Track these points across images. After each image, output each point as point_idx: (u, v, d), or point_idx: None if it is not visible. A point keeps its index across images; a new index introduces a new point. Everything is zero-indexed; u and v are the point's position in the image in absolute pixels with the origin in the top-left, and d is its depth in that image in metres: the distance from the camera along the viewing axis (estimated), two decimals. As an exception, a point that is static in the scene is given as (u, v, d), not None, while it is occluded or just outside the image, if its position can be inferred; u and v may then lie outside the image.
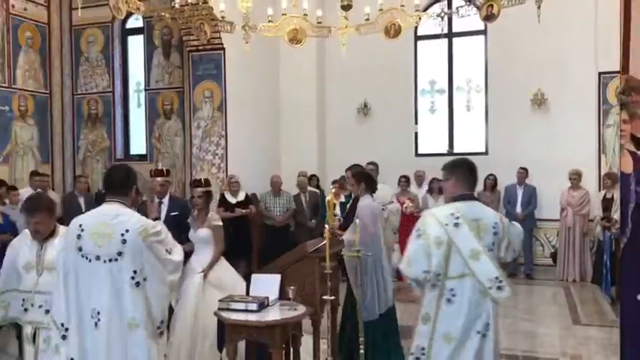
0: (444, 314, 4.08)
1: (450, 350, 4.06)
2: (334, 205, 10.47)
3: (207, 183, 7.05)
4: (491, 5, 7.35)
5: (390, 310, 6.45)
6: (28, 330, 4.61)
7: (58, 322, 3.98)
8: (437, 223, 4.12)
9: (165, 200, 7.49)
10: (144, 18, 12.39)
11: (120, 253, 3.91)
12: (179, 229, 4.25)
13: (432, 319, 4.11)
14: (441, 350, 4.08)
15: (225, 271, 6.63)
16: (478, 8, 7.61)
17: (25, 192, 10.81)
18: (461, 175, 4.35)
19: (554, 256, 12.05)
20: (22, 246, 4.71)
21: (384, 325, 6.32)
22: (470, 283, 4.07)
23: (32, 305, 4.57)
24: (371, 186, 6.63)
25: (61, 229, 4.66)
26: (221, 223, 6.87)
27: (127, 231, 3.94)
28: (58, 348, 4.00)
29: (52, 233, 4.66)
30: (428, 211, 4.33)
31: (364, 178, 6.58)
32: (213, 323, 5.69)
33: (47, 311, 4.36)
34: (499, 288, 4.08)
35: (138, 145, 13.77)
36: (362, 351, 5.50)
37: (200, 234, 6.60)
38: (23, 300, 4.62)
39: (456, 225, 4.10)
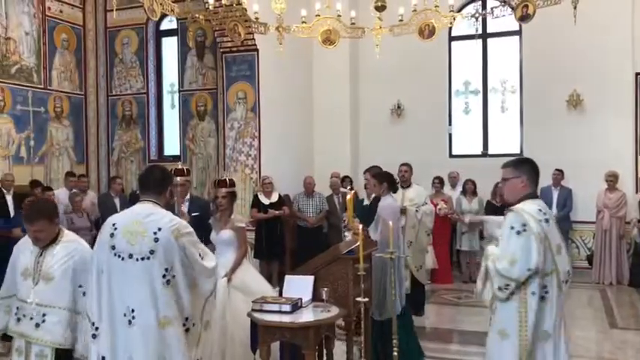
0: (538, 312, 4.00)
1: (551, 348, 4.02)
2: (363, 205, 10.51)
3: (231, 183, 6.96)
4: (527, 5, 7.29)
5: (404, 310, 6.45)
6: (19, 342, 4.27)
7: (90, 320, 4.00)
8: (534, 220, 4.01)
9: (186, 201, 7.48)
10: (178, 20, 12.49)
11: (152, 252, 3.92)
12: (200, 230, 4.22)
13: (529, 319, 4.00)
14: (538, 347, 4.01)
15: (248, 273, 6.48)
16: (513, 9, 7.56)
17: (61, 192, 11.03)
18: (530, 173, 4.28)
19: (590, 258, 11.87)
20: (25, 250, 4.37)
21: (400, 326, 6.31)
22: (555, 279, 4.04)
23: (24, 316, 4.22)
24: (392, 186, 6.77)
25: (66, 233, 4.41)
26: (244, 225, 6.78)
27: (159, 229, 3.95)
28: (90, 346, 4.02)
29: (54, 239, 4.31)
30: (518, 208, 4.10)
31: (386, 178, 6.68)
32: (240, 327, 5.71)
33: (37, 325, 4.15)
34: (566, 281, 4.14)
35: (171, 146, 13.87)
36: (395, 353, 5.46)
37: (223, 236, 6.46)
38: (17, 309, 4.27)
39: (547, 221, 4.06)
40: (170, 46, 13.84)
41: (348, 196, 6.30)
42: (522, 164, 4.35)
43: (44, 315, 4.16)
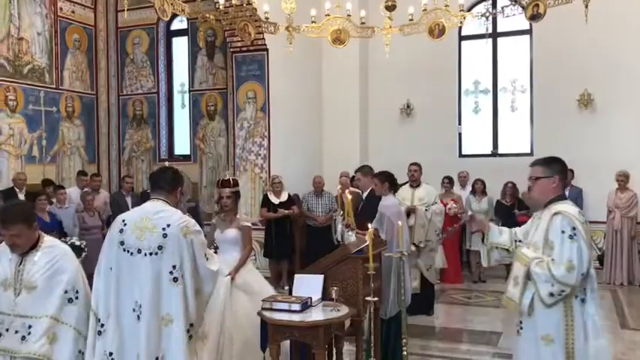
0: (580, 316, 3.96)
1: (593, 350, 3.95)
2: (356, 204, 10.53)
3: (235, 183, 6.95)
4: (537, 5, 7.27)
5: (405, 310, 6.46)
6: (1, 359, 3.94)
7: (96, 317, 4.01)
8: (579, 222, 3.95)
9: None
10: (188, 20, 12.55)
11: (160, 247, 3.96)
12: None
13: (576, 324, 3.96)
14: (582, 350, 3.95)
15: (251, 274, 6.45)
16: (524, 8, 7.53)
17: (72, 191, 11.09)
18: (562, 173, 4.21)
19: (600, 259, 11.79)
20: (1, 258, 4.06)
21: (398, 324, 6.32)
22: (593, 280, 4.01)
23: (7, 330, 3.90)
24: (394, 186, 6.89)
25: (46, 239, 4.13)
26: (250, 224, 6.79)
27: (168, 225, 4.00)
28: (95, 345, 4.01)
29: (34, 246, 4.03)
30: (566, 212, 4.00)
31: (387, 178, 6.76)
32: (241, 327, 5.76)
33: (23, 337, 3.87)
34: None
35: (182, 145, 13.95)
36: (405, 352, 5.46)
37: (228, 235, 6.44)
38: None
39: (585, 223, 4.03)
40: (180, 46, 13.91)
41: (349, 197, 6.31)
42: (554, 163, 4.23)
43: (30, 327, 3.89)
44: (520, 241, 4.37)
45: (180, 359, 3.94)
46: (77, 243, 9.13)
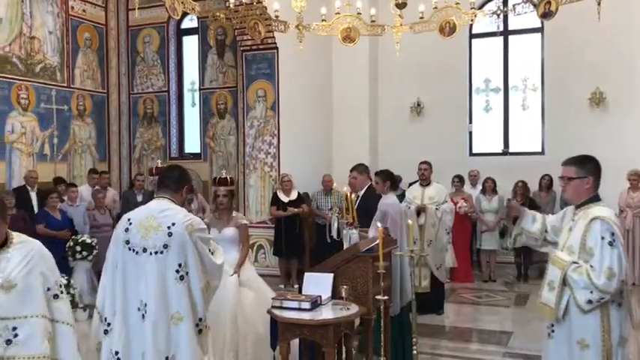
0: (616, 320, 3.92)
1: (627, 352, 3.94)
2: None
3: (231, 181, 6.95)
4: (549, 2, 7.22)
5: (408, 305, 6.44)
6: None
7: (102, 316, 4.04)
8: (617, 227, 3.88)
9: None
10: (199, 18, 12.57)
11: (166, 246, 3.98)
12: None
13: (609, 329, 3.90)
14: (617, 353, 3.91)
15: (250, 271, 6.52)
16: (535, 5, 7.48)
17: (84, 189, 11.15)
18: (596, 173, 4.12)
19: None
20: None
21: (401, 322, 6.34)
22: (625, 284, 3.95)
23: None
24: (394, 185, 7.01)
25: (16, 235, 3.61)
26: (247, 222, 6.81)
27: (173, 224, 4.01)
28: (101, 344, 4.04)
29: (4, 243, 3.53)
30: (604, 216, 3.92)
31: (388, 176, 6.82)
32: (250, 324, 5.82)
33: (9, 341, 3.43)
34: None
35: (192, 144, 13.97)
36: (415, 351, 5.45)
37: (226, 234, 6.45)
38: None
39: (618, 227, 3.94)
40: (191, 45, 13.92)
41: (352, 196, 6.32)
42: (587, 163, 4.14)
43: (14, 329, 3.46)
44: (546, 231, 4.35)
45: (191, 357, 3.97)
46: (88, 241, 9.19)
